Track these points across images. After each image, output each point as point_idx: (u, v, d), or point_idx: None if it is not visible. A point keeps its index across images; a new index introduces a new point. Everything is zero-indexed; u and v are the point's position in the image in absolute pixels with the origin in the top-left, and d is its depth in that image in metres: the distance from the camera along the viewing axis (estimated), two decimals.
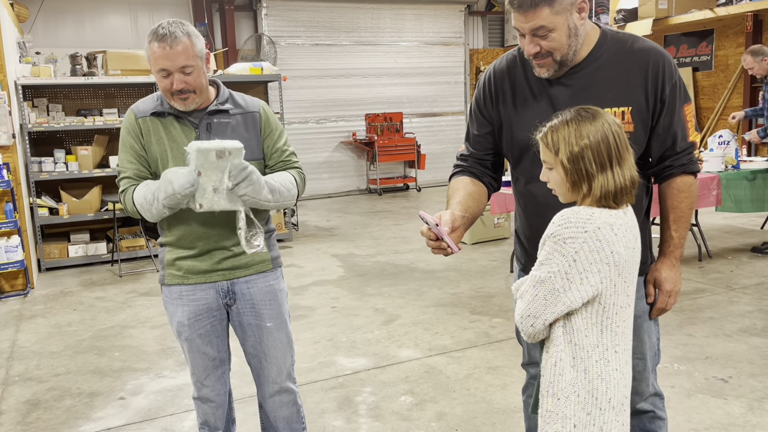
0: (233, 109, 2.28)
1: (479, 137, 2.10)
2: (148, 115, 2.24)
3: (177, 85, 2.12)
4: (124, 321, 4.96)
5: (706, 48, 10.93)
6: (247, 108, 2.31)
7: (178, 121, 2.24)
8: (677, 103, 1.90)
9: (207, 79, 2.24)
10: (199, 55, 2.15)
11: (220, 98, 2.27)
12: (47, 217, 6.65)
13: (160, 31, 2.09)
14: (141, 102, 2.30)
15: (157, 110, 2.23)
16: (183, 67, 2.11)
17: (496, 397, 3.41)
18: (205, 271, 2.28)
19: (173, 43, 2.08)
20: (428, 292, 5.37)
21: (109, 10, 10.01)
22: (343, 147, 11.75)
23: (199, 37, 2.18)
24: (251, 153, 2.27)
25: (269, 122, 2.34)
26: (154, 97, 2.28)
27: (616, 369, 1.63)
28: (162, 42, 2.08)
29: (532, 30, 1.78)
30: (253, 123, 2.30)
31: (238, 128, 2.27)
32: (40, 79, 6.58)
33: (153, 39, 2.10)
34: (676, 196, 1.97)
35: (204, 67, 2.19)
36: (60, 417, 3.43)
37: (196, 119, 2.23)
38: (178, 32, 2.09)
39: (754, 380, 3.49)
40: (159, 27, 2.11)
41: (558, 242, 1.57)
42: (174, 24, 2.12)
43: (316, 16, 11.25)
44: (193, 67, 2.13)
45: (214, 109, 2.24)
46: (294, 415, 2.49)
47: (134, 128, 2.25)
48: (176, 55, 2.09)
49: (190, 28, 2.16)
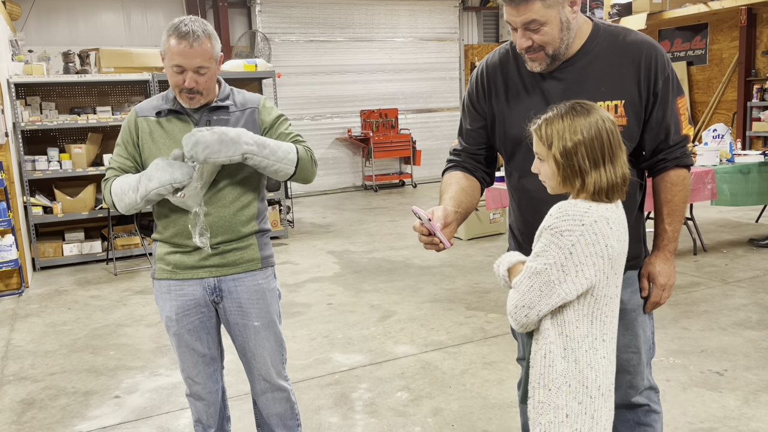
0: (233, 105, 2.28)
1: (472, 132, 2.09)
2: (149, 114, 2.26)
3: (189, 83, 2.12)
4: (119, 319, 4.95)
5: (700, 42, 10.94)
6: (246, 104, 2.31)
7: (179, 117, 2.24)
8: (670, 96, 1.89)
9: (216, 80, 2.24)
10: (215, 58, 2.16)
11: (221, 95, 2.27)
12: (41, 215, 6.62)
13: (182, 28, 2.08)
14: (145, 101, 2.33)
15: (160, 108, 2.24)
16: (199, 67, 2.11)
17: (492, 392, 3.41)
18: (192, 266, 2.27)
19: (194, 42, 2.08)
20: (424, 288, 5.37)
21: (101, 8, 9.97)
22: (339, 143, 11.74)
23: (218, 39, 2.19)
24: None
25: (270, 113, 2.33)
26: (158, 97, 2.31)
27: (604, 357, 1.66)
28: (183, 39, 2.08)
29: (523, 24, 1.77)
30: (252, 118, 2.29)
31: (236, 125, 2.26)
32: (32, 77, 6.55)
33: (173, 34, 2.09)
34: (670, 190, 1.96)
35: (216, 70, 2.20)
36: (55, 416, 3.42)
37: (197, 115, 2.24)
38: (200, 32, 2.09)
39: (749, 373, 3.50)
40: (181, 23, 2.10)
41: (555, 234, 1.57)
42: (196, 22, 2.12)
43: (310, 13, 11.22)
44: (208, 68, 2.14)
45: (214, 105, 2.25)
46: (287, 411, 2.48)
47: (132, 126, 2.28)
48: (195, 55, 2.09)
49: (211, 28, 2.16)
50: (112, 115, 6.85)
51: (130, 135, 2.28)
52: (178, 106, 2.23)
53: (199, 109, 2.24)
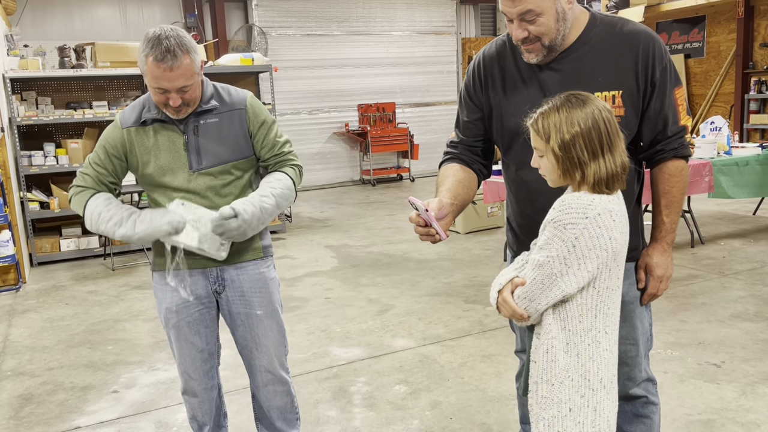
0: (219, 106, 2.22)
1: (469, 124, 2.08)
2: (133, 125, 2.20)
3: (174, 103, 2.07)
4: (116, 314, 4.94)
5: (698, 34, 10.92)
6: (233, 104, 2.24)
7: (165, 127, 2.19)
8: (668, 86, 1.88)
9: (201, 86, 2.17)
10: (197, 71, 2.08)
11: (205, 97, 2.19)
12: (38, 211, 6.61)
13: (159, 48, 1.98)
14: (127, 110, 2.24)
15: (145, 118, 2.18)
16: (182, 87, 2.05)
17: (490, 385, 3.41)
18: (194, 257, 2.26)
19: (173, 65, 1.99)
20: (422, 282, 5.37)
21: (97, 2, 9.93)
22: (336, 138, 11.72)
23: (197, 50, 2.09)
24: (240, 152, 2.24)
25: (257, 117, 2.26)
26: (141, 104, 2.22)
27: (606, 349, 1.66)
28: (161, 63, 1.98)
29: (519, 15, 1.76)
30: (240, 120, 2.24)
31: (223, 128, 2.21)
32: (28, 72, 6.53)
33: (150, 55, 1.99)
34: (668, 181, 1.95)
35: (200, 77, 2.13)
36: (53, 411, 3.41)
37: (182, 123, 2.18)
38: (177, 51, 1.99)
39: (746, 365, 3.50)
40: (157, 40, 1.99)
41: (558, 228, 1.57)
42: (172, 38, 2.00)
43: (307, 6, 11.19)
44: (191, 84, 2.07)
45: (199, 110, 2.18)
46: (288, 404, 2.48)
47: (117, 140, 2.21)
48: (176, 77, 2.01)
49: (189, 41, 2.05)
50: (108, 110, 6.83)
51: (113, 147, 2.21)
52: (163, 114, 2.17)
53: (185, 117, 2.18)
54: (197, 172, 2.19)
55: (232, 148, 2.22)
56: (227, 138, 2.21)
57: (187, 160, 2.18)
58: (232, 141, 2.22)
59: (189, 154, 2.18)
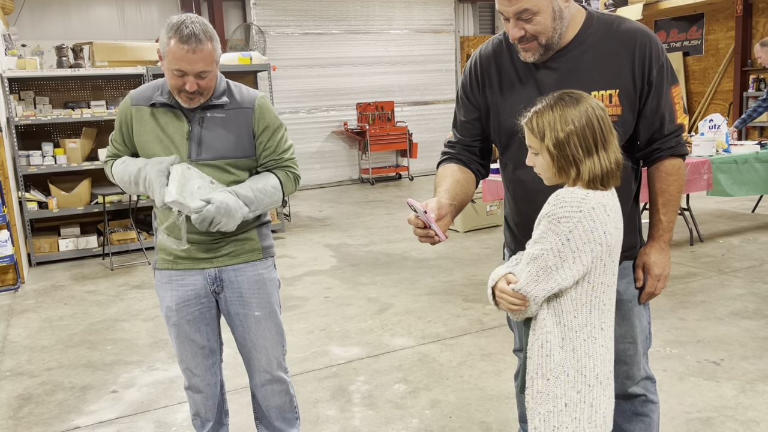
0: (228, 103, 2.23)
1: (466, 123, 2.08)
2: (143, 104, 2.23)
3: (190, 87, 2.08)
4: (115, 314, 4.94)
5: (696, 32, 10.92)
6: (242, 103, 2.25)
7: (172, 111, 2.21)
8: (665, 85, 1.88)
9: (216, 79, 2.20)
10: (216, 60, 2.11)
11: (216, 92, 2.21)
12: (36, 211, 6.60)
13: (184, 31, 2.02)
14: (141, 88, 2.29)
15: (155, 100, 2.21)
16: (201, 72, 2.07)
17: (489, 384, 3.42)
18: (193, 257, 2.26)
19: (197, 48, 2.02)
20: (421, 281, 5.37)
21: (95, 1, 9.91)
22: (335, 137, 11.71)
23: (218, 40, 2.14)
24: (241, 150, 2.24)
25: (263, 118, 2.26)
26: (153, 86, 2.26)
27: (602, 345, 1.67)
28: (185, 44, 2.01)
29: (516, 13, 1.76)
30: (246, 120, 2.24)
31: (229, 124, 2.22)
32: (26, 72, 6.52)
33: (174, 36, 2.02)
34: (665, 180, 1.95)
35: (217, 70, 2.15)
36: (52, 411, 3.41)
37: (190, 112, 2.20)
38: (202, 36, 2.03)
39: (746, 363, 3.51)
40: (183, 25, 2.03)
41: (552, 221, 1.58)
42: (197, 23, 2.05)
43: (305, 5, 11.17)
44: (210, 72, 2.10)
45: (209, 104, 2.20)
46: (286, 404, 2.48)
47: (127, 114, 2.27)
48: (197, 60, 2.04)
49: (211, 28, 2.10)
50: (106, 110, 6.82)
51: (124, 120, 2.28)
52: (173, 101, 2.19)
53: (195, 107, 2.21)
54: (195, 162, 2.20)
55: (234, 145, 2.23)
56: (230, 134, 2.22)
57: (188, 148, 2.20)
58: (235, 138, 2.22)
59: (190, 143, 2.20)
